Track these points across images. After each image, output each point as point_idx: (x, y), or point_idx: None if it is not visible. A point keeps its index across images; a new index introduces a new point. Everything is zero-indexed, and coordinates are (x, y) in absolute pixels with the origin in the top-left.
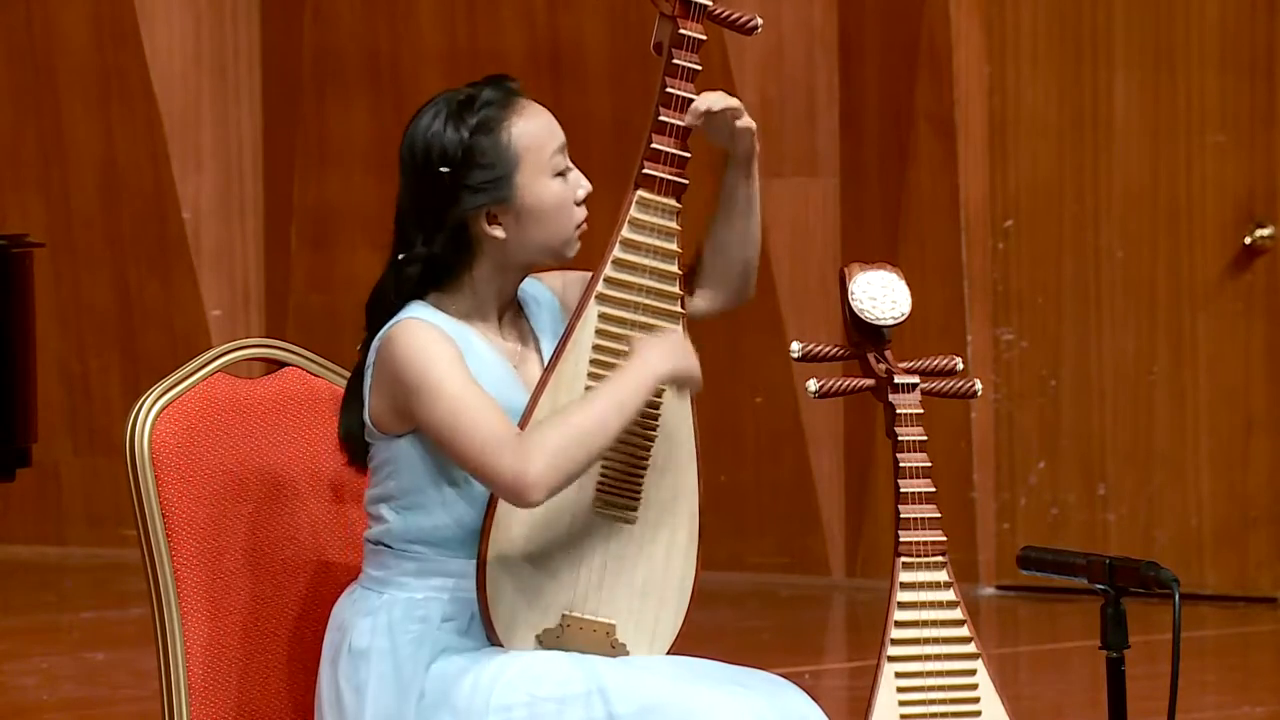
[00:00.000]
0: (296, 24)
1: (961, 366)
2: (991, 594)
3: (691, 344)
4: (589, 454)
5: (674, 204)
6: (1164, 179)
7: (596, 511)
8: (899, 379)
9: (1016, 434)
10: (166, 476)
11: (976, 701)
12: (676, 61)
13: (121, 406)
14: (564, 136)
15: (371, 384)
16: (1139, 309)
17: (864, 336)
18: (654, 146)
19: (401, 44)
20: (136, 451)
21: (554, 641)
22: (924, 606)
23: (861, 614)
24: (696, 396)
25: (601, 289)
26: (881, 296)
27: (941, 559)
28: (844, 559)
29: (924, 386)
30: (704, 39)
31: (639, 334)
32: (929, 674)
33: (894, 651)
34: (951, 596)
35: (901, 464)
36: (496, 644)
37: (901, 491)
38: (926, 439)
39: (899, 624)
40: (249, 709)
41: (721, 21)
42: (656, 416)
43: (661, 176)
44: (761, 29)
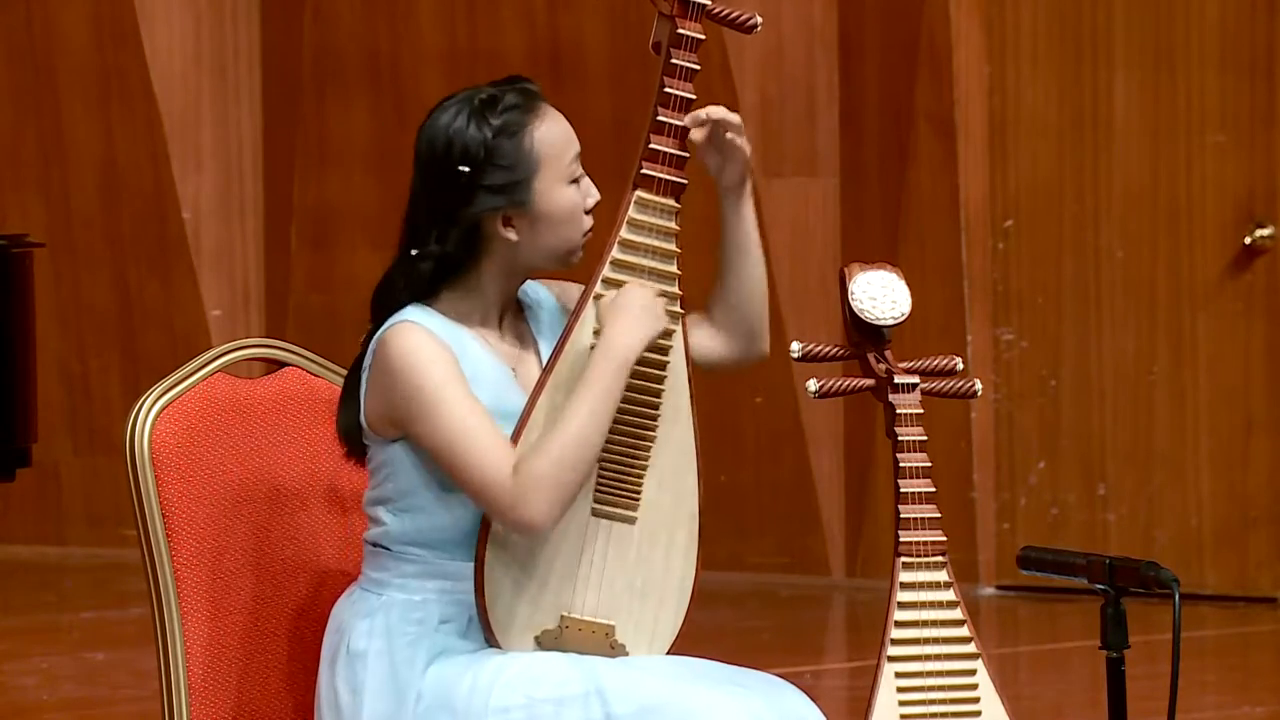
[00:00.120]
0: (296, 24)
1: (961, 366)
2: (991, 594)
3: (652, 288)
4: (587, 465)
5: (673, 204)
6: (1164, 179)
7: (595, 512)
8: (899, 379)
9: (1016, 434)
10: (166, 476)
11: (976, 701)
12: (675, 61)
13: (121, 406)
14: (579, 144)
15: (367, 387)
16: (1139, 309)
17: (864, 336)
18: (652, 147)
19: (401, 44)
20: (136, 451)
21: (553, 643)
22: (924, 606)
23: (861, 614)
24: (697, 397)
25: (600, 289)
26: (881, 296)
27: (941, 559)
28: (844, 559)
29: (924, 386)
30: (703, 38)
31: (604, 297)
32: (929, 674)
33: (894, 651)
34: (951, 596)
35: (901, 464)
36: (495, 645)
37: (901, 491)
38: (926, 439)
39: (899, 624)
40: (249, 709)
41: (721, 20)
42: (656, 418)
43: (660, 177)
44: (761, 27)
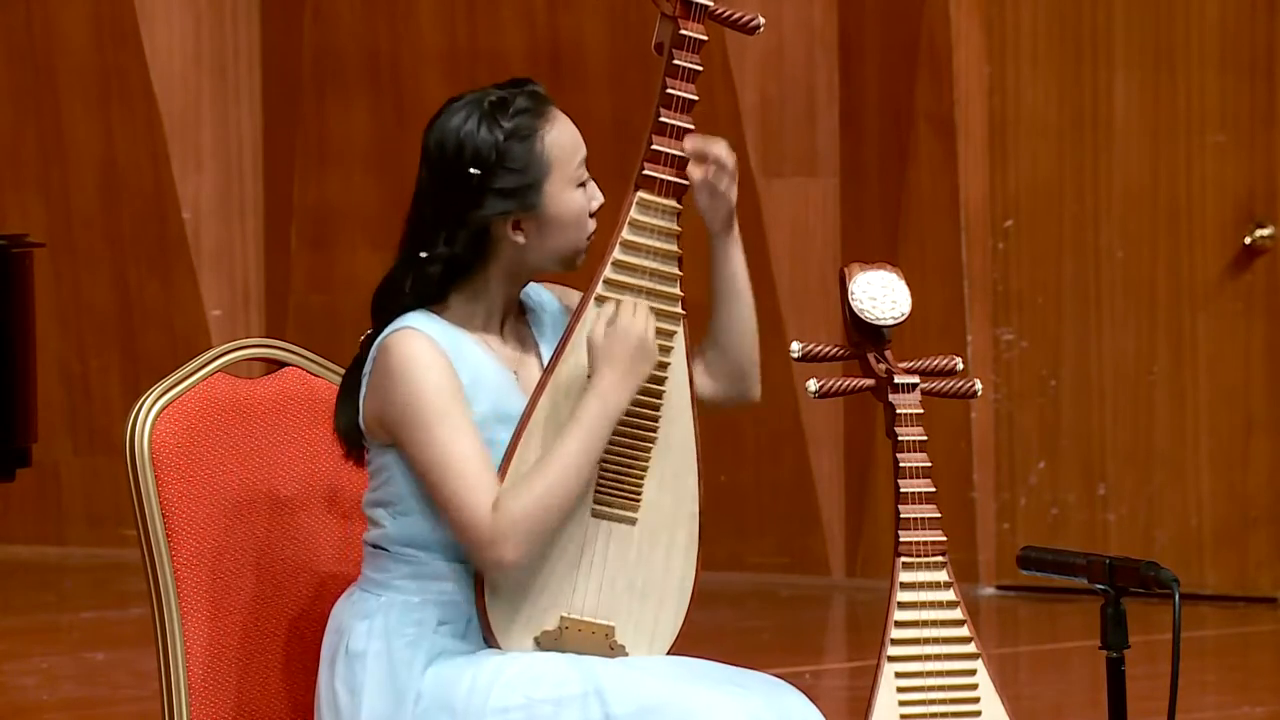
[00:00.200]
0: (296, 24)
1: (961, 366)
2: (991, 594)
3: (646, 316)
4: (566, 509)
5: (674, 205)
6: (1164, 179)
7: (596, 513)
8: (899, 379)
9: (1016, 434)
10: (166, 476)
11: (976, 701)
12: (677, 62)
13: (121, 406)
14: (586, 148)
15: (366, 390)
16: (1139, 309)
17: (864, 336)
18: (654, 148)
19: (401, 44)
20: (136, 451)
21: (552, 643)
22: (924, 606)
23: (861, 614)
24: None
25: (601, 290)
26: (881, 296)
27: (941, 559)
28: (844, 559)
29: (924, 386)
30: (705, 40)
31: (595, 329)
32: (929, 674)
33: (894, 651)
34: (951, 596)
35: (901, 464)
36: (494, 646)
37: (901, 491)
38: (926, 439)
39: (899, 624)
40: (249, 709)
41: (723, 21)
42: (657, 418)
43: (661, 178)
44: (764, 28)
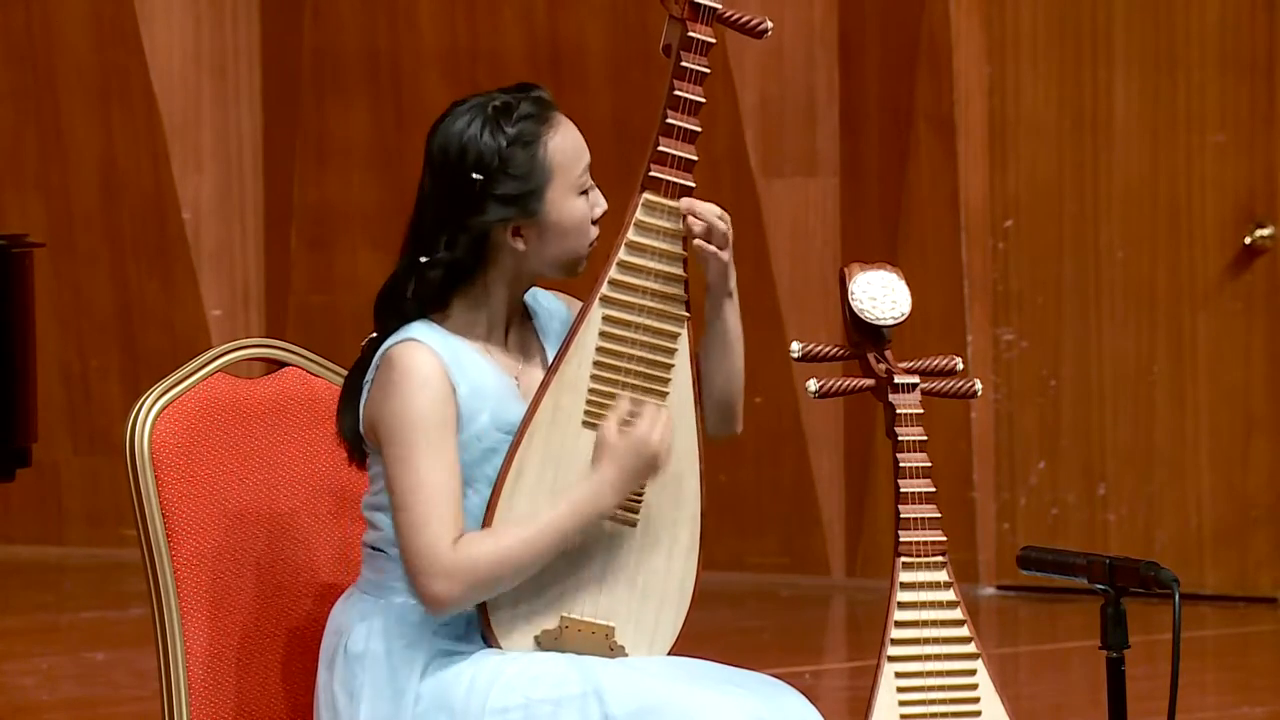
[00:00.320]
0: (296, 24)
1: (961, 366)
2: (991, 594)
3: (665, 429)
4: (515, 579)
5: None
6: (1164, 179)
7: None
8: (899, 379)
9: (1016, 434)
10: (166, 476)
11: (976, 701)
12: (685, 64)
13: (121, 406)
14: (589, 154)
15: (367, 397)
16: (1139, 309)
17: (864, 336)
18: (661, 149)
19: (401, 44)
20: (136, 451)
21: (552, 643)
22: (924, 606)
23: (861, 614)
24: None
25: (606, 291)
26: (881, 296)
27: (941, 559)
28: (844, 559)
29: (924, 386)
30: (713, 42)
31: (610, 424)
32: (929, 674)
33: (894, 651)
34: (951, 596)
35: (901, 464)
36: (495, 645)
37: (901, 491)
38: (926, 439)
39: (899, 624)
40: (249, 709)
41: (731, 24)
42: None
43: (668, 179)
44: (771, 32)
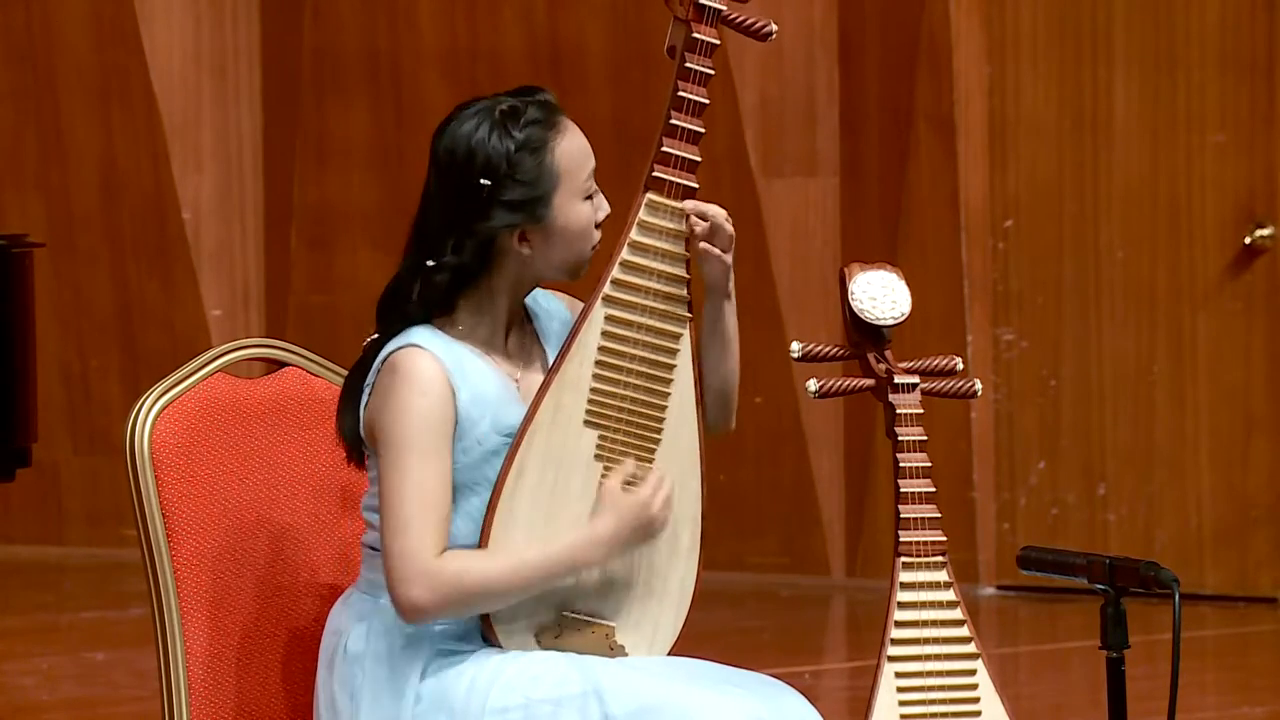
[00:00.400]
0: (296, 24)
1: (961, 366)
2: (991, 594)
3: (667, 499)
4: (491, 605)
5: (683, 207)
6: (1164, 179)
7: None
8: (899, 379)
9: (1016, 434)
10: (166, 476)
11: (976, 701)
12: (689, 65)
13: (121, 406)
14: (594, 159)
15: (368, 399)
16: (1139, 309)
17: (864, 336)
18: (664, 150)
19: (401, 44)
20: (136, 451)
21: (553, 642)
22: (924, 606)
23: (861, 614)
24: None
25: (609, 291)
26: (881, 296)
27: (941, 559)
28: (844, 559)
29: (924, 386)
30: (718, 43)
31: (613, 481)
32: (929, 674)
33: (894, 651)
34: (951, 596)
35: (901, 464)
36: (495, 645)
37: (901, 491)
38: (926, 439)
39: (899, 624)
40: (249, 709)
41: (735, 26)
42: (662, 421)
43: (671, 180)
44: (776, 35)
